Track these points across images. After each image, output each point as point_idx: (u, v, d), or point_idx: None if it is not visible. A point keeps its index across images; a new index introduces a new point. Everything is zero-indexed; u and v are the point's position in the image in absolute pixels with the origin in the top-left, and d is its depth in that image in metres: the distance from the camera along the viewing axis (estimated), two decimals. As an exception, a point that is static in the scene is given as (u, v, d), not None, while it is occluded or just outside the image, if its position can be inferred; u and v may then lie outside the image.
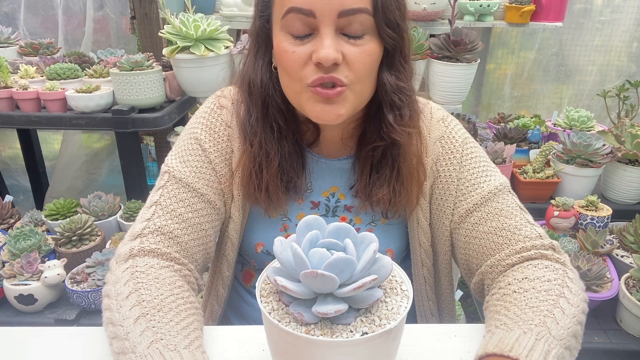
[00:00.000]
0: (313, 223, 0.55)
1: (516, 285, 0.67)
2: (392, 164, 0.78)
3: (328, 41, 0.66)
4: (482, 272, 0.76)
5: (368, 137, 0.79)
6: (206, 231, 0.78)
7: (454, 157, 0.82)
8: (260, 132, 0.78)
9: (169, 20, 1.57)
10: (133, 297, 0.62)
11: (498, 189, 0.79)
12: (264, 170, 0.78)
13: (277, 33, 0.71)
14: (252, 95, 0.78)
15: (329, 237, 0.53)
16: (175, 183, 0.78)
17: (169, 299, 0.63)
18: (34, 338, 0.71)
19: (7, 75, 1.67)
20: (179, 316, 0.62)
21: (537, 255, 0.72)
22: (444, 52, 1.74)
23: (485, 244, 0.76)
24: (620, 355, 1.25)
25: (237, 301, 0.96)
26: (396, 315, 0.51)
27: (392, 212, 0.83)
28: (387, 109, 0.74)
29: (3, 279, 1.34)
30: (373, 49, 0.69)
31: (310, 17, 0.66)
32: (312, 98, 0.70)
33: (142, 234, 0.73)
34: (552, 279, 0.67)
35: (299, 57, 0.68)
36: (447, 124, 0.84)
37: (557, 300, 0.63)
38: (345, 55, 0.67)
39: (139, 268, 0.67)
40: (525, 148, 1.81)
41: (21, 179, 2.56)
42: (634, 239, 1.44)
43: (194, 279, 0.74)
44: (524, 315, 0.61)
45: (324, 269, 0.48)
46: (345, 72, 0.68)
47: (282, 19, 0.68)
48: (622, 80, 2.09)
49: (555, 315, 0.60)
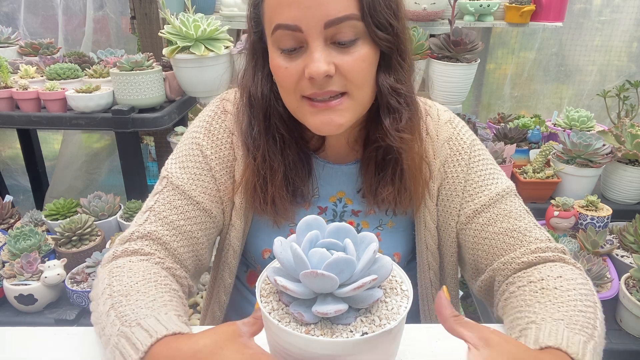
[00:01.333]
0: (313, 223, 0.54)
1: (555, 282, 0.66)
2: (394, 162, 0.78)
3: (317, 54, 0.65)
4: (493, 269, 0.76)
5: (371, 138, 0.78)
6: (198, 239, 0.78)
7: (461, 159, 0.81)
8: (264, 145, 0.77)
9: (169, 20, 1.57)
10: (106, 291, 0.63)
11: (505, 191, 0.79)
12: (269, 183, 0.77)
13: (270, 48, 0.71)
14: (253, 108, 0.77)
15: (329, 237, 0.53)
16: (172, 189, 0.78)
17: (138, 284, 0.63)
18: (34, 338, 0.70)
19: (7, 75, 1.67)
20: (146, 294, 0.62)
21: (555, 258, 0.72)
22: (444, 52, 1.74)
23: (495, 244, 0.76)
24: (620, 355, 1.25)
25: (241, 302, 0.96)
26: (396, 315, 0.51)
27: (399, 210, 0.82)
28: (384, 112, 0.73)
29: (3, 279, 1.34)
30: (367, 54, 0.67)
31: (297, 32, 0.65)
32: (309, 112, 0.70)
33: (130, 238, 0.74)
34: (584, 284, 0.67)
35: (291, 73, 0.67)
36: (455, 125, 0.84)
37: (596, 310, 0.63)
38: (338, 66, 0.66)
39: (117, 265, 0.68)
40: (525, 148, 1.81)
41: (21, 179, 2.56)
42: (634, 239, 1.44)
43: (183, 276, 0.74)
44: (577, 318, 0.60)
45: (324, 268, 0.48)
46: (342, 82, 0.67)
47: (272, 36, 0.68)
48: (622, 80, 2.09)
49: (598, 329, 0.60)
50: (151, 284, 0.64)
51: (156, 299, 0.61)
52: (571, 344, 0.55)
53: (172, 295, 0.65)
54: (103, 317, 0.60)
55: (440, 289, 0.90)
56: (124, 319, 0.57)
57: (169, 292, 0.65)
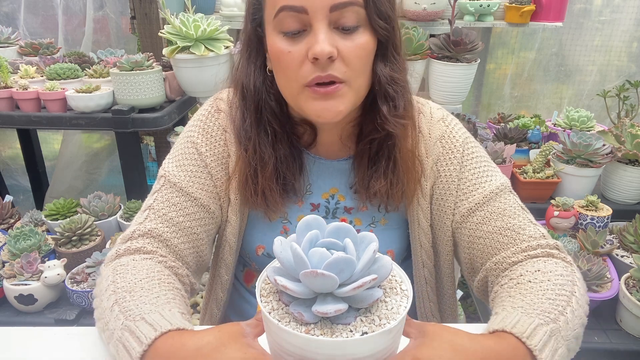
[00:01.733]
0: (313, 223, 0.55)
1: (530, 276, 0.68)
2: (387, 155, 0.78)
3: (322, 35, 0.66)
4: (486, 269, 0.76)
5: (365, 132, 0.79)
6: (198, 235, 0.79)
7: (454, 157, 0.82)
8: (255, 137, 0.78)
9: (169, 20, 1.57)
10: (110, 287, 0.64)
11: (499, 188, 0.79)
12: (259, 175, 0.78)
13: (270, 35, 0.71)
14: (245, 100, 0.78)
15: (329, 237, 0.53)
16: (170, 187, 0.79)
17: (142, 281, 0.65)
18: (34, 338, 0.71)
19: (7, 75, 1.67)
20: (150, 291, 0.63)
21: (543, 254, 0.72)
22: (444, 52, 1.74)
23: (489, 244, 0.77)
24: (620, 355, 1.25)
25: (238, 301, 0.97)
26: (396, 315, 0.51)
27: (391, 204, 0.82)
28: (382, 100, 0.74)
29: (3, 279, 1.34)
30: (367, 42, 0.69)
31: (302, 13, 0.66)
32: (311, 97, 0.70)
33: (132, 237, 0.75)
34: (564, 275, 0.67)
35: (294, 56, 0.68)
36: (448, 123, 0.84)
37: (570, 298, 0.63)
38: (340, 50, 0.67)
39: (121, 263, 0.69)
40: (525, 148, 1.81)
41: (21, 179, 2.56)
42: (634, 239, 1.44)
43: (185, 275, 0.75)
44: (541, 304, 0.61)
45: (324, 268, 0.48)
46: (342, 69, 0.68)
47: (275, 19, 0.68)
48: (622, 80, 2.09)
49: (567, 315, 0.60)
50: (155, 282, 0.65)
51: (160, 296, 0.62)
52: (519, 325, 0.56)
53: (175, 294, 0.66)
54: (107, 312, 0.61)
55: (435, 287, 0.90)
56: (127, 313, 0.58)
57: (172, 290, 0.66)
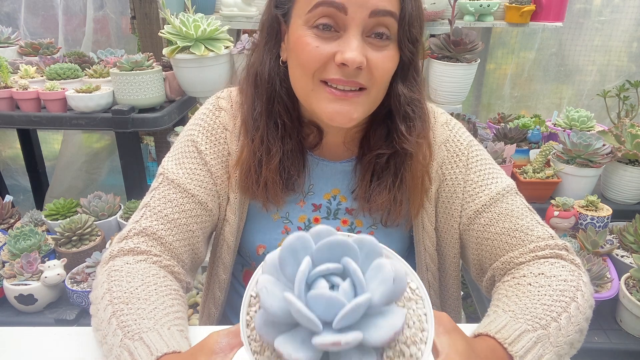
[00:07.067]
0: (297, 245, 0.42)
1: (532, 279, 0.68)
2: (394, 172, 0.78)
3: (356, 43, 0.65)
4: (494, 269, 0.76)
5: (372, 143, 0.78)
6: (194, 232, 0.78)
7: (459, 160, 0.81)
8: (263, 127, 0.77)
9: (169, 20, 1.57)
10: (106, 297, 0.63)
11: (506, 190, 0.79)
12: (264, 166, 0.77)
13: (298, 28, 0.69)
14: (257, 88, 0.77)
15: (322, 260, 0.42)
16: (168, 184, 0.78)
17: (139, 289, 0.64)
18: (34, 338, 0.71)
19: (7, 75, 1.67)
20: (147, 301, 0.62)
21: (551, 255, 0.72)
22: (444, 52, 1.74)
23: (497, 245, 0.77)
24: (620, 355, 1.25)
25: (237, 301, 0.96)
26: (423, 334, 0.45)
27: (391, 220, 0.82)
28: (400, 119, 0.74)
29: (3, 279, 1.34)
30: (394, 57, 0.69)
31: (341, 12, 0.65)
32: (326, 97, 0.69)
33: (127, 236, 0.74)
34: (568, 280, 0.67)
35: (321, 53, 0.67)
36: (451, 127, 0.84)
37: (569, 305, 0.63)
38: (369, 60, 0.67)
39: (115, 267, 0.68)
40: (525, 148, 1.81)
41: (21, 179, 2.56)
42: (634, 239, 1.44)
43: (180, 272, 0.75)
44: (534, 310, 0.61)
45: (338, 324, 0.38)
46: (367, 77, 0.68)
47: (309, 13, 0.67)
48: (622, 80, 2.09)
49: (561, 321, 0.60)
50: (151, 288, 0.64)
51: (157, 307, 0.61)
52: (504, 330, 0.56)
53: (173, 297, 0.65)
54: (104, 325, 0.60)
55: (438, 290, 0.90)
56: (126, 329, 0.58)
57: (170, 294, 0.65)
